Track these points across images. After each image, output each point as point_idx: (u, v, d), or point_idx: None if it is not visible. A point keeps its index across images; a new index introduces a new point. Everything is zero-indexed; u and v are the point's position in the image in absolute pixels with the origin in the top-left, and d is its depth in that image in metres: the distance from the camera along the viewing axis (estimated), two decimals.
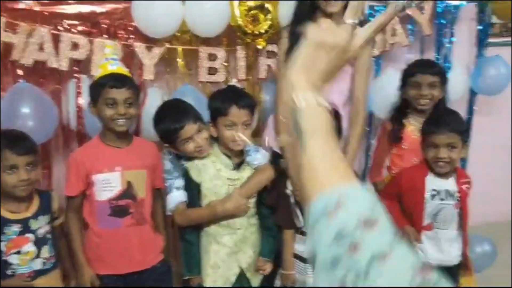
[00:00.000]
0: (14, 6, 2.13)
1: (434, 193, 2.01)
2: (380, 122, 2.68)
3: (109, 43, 2.09)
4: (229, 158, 1.92)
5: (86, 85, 2.14)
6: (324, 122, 0.68)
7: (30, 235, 1.80)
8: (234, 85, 2.00)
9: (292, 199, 1.97)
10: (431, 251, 2.04)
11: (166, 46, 2.34)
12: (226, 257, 1.93)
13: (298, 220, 1.97)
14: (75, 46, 2.20)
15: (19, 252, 1.78)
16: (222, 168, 1.91)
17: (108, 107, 1.85)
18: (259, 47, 2.45)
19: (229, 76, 2.46)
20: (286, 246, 2.01)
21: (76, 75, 2.25)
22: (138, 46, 2.29)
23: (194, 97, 2.21)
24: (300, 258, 2.02)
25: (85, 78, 2.20)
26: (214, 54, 2.40)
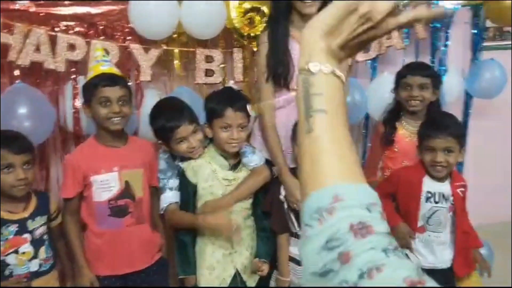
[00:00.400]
0: (11, 6, 2.13)
1: (428, 195, 2.02)
2: (375, 123, 2.69)
3: (98, 46, 2.09)
4: (225, 158, 1.92)
5: None
6: (337, 95, 0.62)
7: (27, 236, 1.80)
8: (231, 86, 2.01)
9: (285, 205, 1.97)
10: (424, 254, 2.05)
11: (163, 47, 2.35)
12: (221, 258, 1.93)
13: (293, 225, 1.97)
14: (72, 47, 2.20)
15: (17, 252, 1.77)
16: (218, 168, 1.91)
17: (102, 106, 1.85)
18: (255, 49, 2.46)
19: (225, 77, 2.47)
20: (281, 250, 2.01)
21: (73, 76, 2.26)
22: (135, 48, 2.29)
23: (191, 98, 2.21)
24: (295, 261, 2.02)
25: (81, 79, 2.20)
26: (210, 56, 2.41)
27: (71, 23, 2.22)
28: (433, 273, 2.00)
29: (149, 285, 2.01)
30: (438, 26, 2.83)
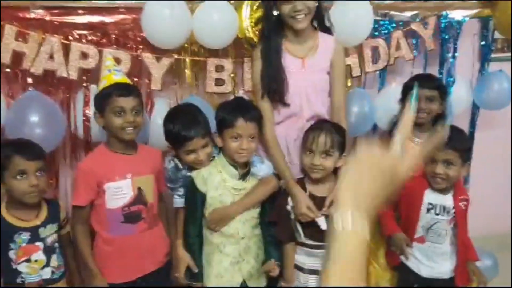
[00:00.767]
0: (26, 15, 2.15)
1: (429, 207, 2.03)
2: (383, 134, 2.70)
3: (108, 55, 2.11)
4: (235, 168, 1.93)
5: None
6: (353, 252, 0.67)
7: (39, 243, 1.80)
8: (242, 97, 2.02)
9: (292, 215, 1.99)
10: (424, 264, 2.07)
11: (175, 57, 2.37)
12: (229, 266, 1.94)
13: (299, 235, 1.98)
14: (85, 55, 2.22)
15: (29, 260, 1.78)
16: (228, 177, 1.92)
17: (116, 116, 1.86)
18: None
19: (236, 87, 2.48)
20: (287, 258, 2.02)
21: (84, 84, 2.27)
22: (147, 57, 2.31)
23: (201, 107, 2.21)
24: (299, 268, 2.03)
25: (93, 87, 2.22)
26: (221, 66, 2.43)
27: (85, 32, 2.25)
28: (432, 283, 2.05)
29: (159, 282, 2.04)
30: (447, 37, 2.84)
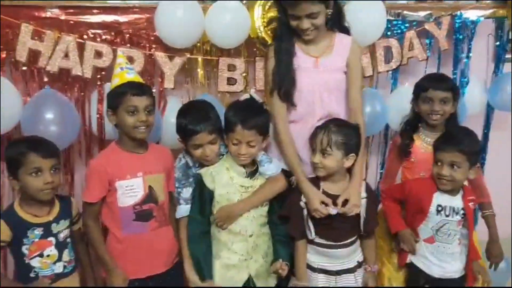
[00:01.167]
0: (42, 15, 2.20)
1: (439, 208, 2.02)
2: (395, 134, 2.69)
3: (120, 53, 2.12)
4: (242, 166, 1.95)
5: None
6: None
7: (52, 239, 1.83)
8: (253, 98, 2.02)
9: (305, 212, 1.99)
10: (434, 263, 2.07)
11: (187, 56, 2.39)
12: (237, 262, 1.96)
13: (310, 232, 1.99)
14: (99, 54, 2.26)
15: (41, 255, 1.81)
16: (236, 176, 1.94)
17: (129, 115, 1.87)
18: None
19: (247, 86, 2.50)
20: (298, 256, 2.02)
21: (99, 83, 2.31)
22: (160, 56, 2.34)
23: None
24: (310, 268, 2.03)
25: (108, 86, 2.25)
26: (233, 65, 2.45)
27: (99, 31, 2.29)
28: (442, 282, 2.04)
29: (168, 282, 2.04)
30: (461, 37, 2.82)
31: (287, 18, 2.02)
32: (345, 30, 2.17)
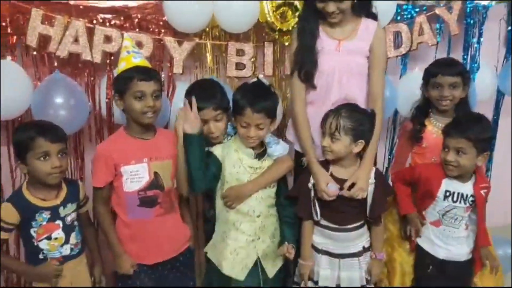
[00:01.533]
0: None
1: (447, 194, 2.03)
2: (404, 120, 2.68)
3: (127, 36, 2.09)
4: (251, 148, 1.97)
5: None
6: None
7: (59, 222, 1.85)
8: (261, 81, 2.02)
9: (312, 193, 2.01)
10: (440, 246, 2.10)
11: (196, 40, 2.39)
12: (245, 244, 1.97)
13: (316, 214, 2.01)
14: (108, 39, 2.26)
15: (49, 238, 1.83)
16: (245, 157, 1.96)
17: (136, 100, 1.86)
18: (286, 44, 2.48)
19: (256, 71, 2.50)
20: (304, 236, 2.05)
21: (108, 68, 2.32)
22: (169, 40, 2.34)
23: None
24: (315, 249, 2.06)
25: (117, 70, 2.26)
26: (242, 50, 2.45)
27: (108, 16, 2.29)
28: (448, 264, 2.07)
29: (176, 275, 2.05)
30: (472, 22, 2.79)
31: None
32: (372, 16, 2.16)
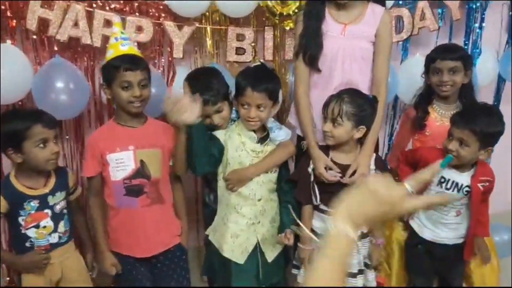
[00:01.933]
0: None
1: (442, 180, 2.03)
2: (405, 106, 2.68)
3: (116, 20, 2.07)
4: (253, 131, 1.97)
5: None
6: (342, 250, 0.78)
7: (48, 211, 1.83)
8: (264, 65, 2.01)
9: (312, 177, 2.02)
10: (427, 227, 2.12)
11: (196, 25, 2.38)
12: (245, 227, 1.99)
13: (315, 198, 2.02)
14: (108, 23, 2.25)
15: (38, 226, 1.81)
16: (247, 140, 1.96)
17: (123, 90, 1.84)
18: (287, 28, 2.47)
19: (256, 56, 2.49)
20: (304, 222, 2.06)
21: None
22: (169, 25, 2.33)
23: None
24: (314, 233, 2.06)
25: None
26: (242, 34, 2.44)
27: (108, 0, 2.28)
28: (434, 246, 2.09)
29: (167, 271, 2.04)
30: (474, 7, 2.77)
31: None
32: (379, 1, 2.14)
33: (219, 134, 1.97)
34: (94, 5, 2.25)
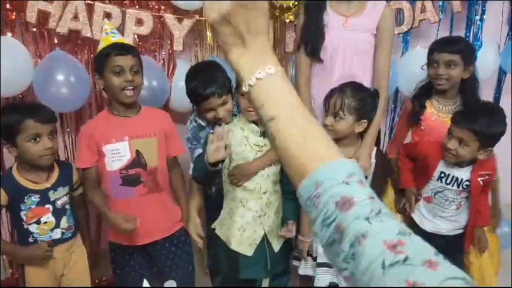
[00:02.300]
0: None
1: (442, 175, 2.03)
2: (405, 99, 2.68)
3: (107, 21, 2.06)
4: (256, 125, 1.97)
5: None
6: (278, 91, 0.65)
7: (49, 206, 1.81)
8: None
9: None
10: (428, 219, 2.13)
11: (196, 17, 2.38)
12: (251, 220, 1.99)
13: None
14: (108, 16, 2.25)
15: (39, 222, 1.80)
16: (250, 134, 1.96)
17: (115, 76, 1.83)
18: (287, 21, 2.47)
19: None
20: (303, 212, 2.07)
21: None
22: (169, 17, 2.33)
23: None
24: None
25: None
26: None
27: None
28: (434, 237, 2.09)
29: (169, 256, 2.04)
30: None
31: None
32: None
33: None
34: None
